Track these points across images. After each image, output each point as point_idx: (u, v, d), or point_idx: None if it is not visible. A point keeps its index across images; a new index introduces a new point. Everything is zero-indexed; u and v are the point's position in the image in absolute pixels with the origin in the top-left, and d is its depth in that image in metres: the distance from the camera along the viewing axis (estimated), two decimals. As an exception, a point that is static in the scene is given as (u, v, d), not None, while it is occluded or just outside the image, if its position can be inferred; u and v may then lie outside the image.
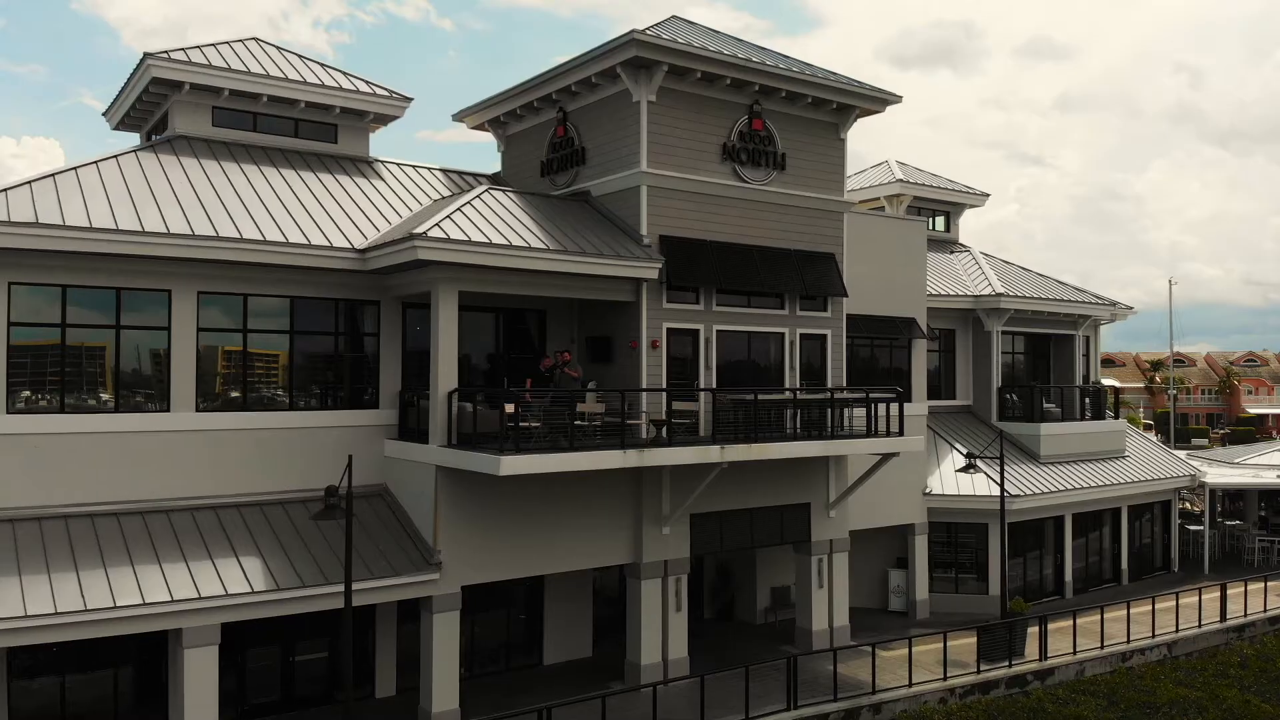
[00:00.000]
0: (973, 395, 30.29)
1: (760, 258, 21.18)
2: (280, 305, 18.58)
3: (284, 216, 18.79)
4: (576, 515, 19.01)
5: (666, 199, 20.04)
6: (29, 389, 16.48)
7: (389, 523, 18.31)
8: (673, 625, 20.09)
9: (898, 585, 26.53)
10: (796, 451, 19.65)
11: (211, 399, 17.90)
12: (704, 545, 20.73)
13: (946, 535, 26.94)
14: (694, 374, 20.54)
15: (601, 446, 17.20)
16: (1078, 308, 31.36)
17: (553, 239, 18.57)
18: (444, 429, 17.38)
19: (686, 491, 19.48)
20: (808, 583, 22.46)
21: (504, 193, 20.22)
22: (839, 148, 22.94)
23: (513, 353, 21.17)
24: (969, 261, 31.95)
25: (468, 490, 17.65)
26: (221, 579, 15.91)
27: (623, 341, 20.11)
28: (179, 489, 17.28)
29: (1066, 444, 29.32)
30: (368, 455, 18.91)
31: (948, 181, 34.35)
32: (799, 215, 22.04)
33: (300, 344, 18.80)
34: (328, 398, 19.08)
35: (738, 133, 21.12)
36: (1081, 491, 28.07)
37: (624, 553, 19.74)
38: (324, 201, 20.13)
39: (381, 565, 17.09)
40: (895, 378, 25.66)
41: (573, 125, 21.71)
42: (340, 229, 19.08)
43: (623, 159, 20.27)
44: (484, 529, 17.94)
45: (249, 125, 21.96)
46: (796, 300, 22.06)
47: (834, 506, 22.58)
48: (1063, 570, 28.82)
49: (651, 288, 19.79)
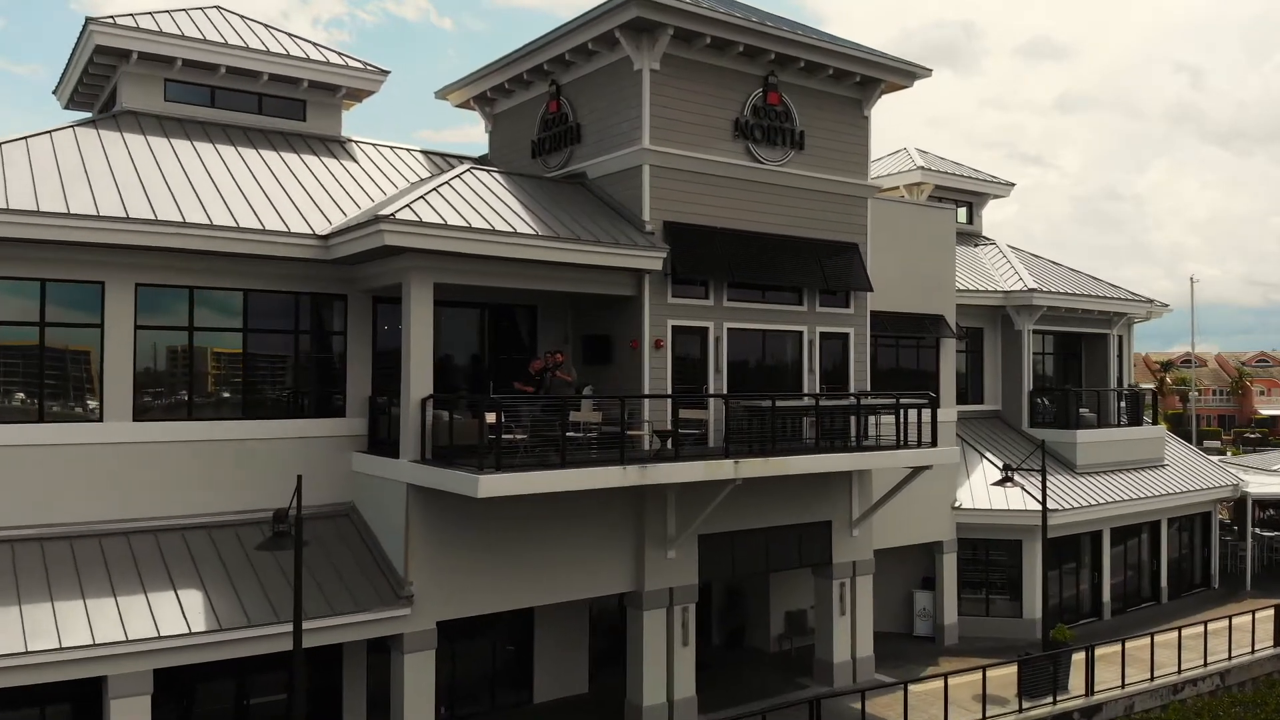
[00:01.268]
0: (1001, 399, 28.02)
1: (776, 247, 18.92)
2: (232, 300, 16.32)
3: (238, 200, 16.53)
4: (570, 538, 16.75)
5: (672, 180, 17.78)
6: (-66, 396, 14.26)
7: (355, 548, 16.05)
8: (679, 661, 17.80)
9: (924, 608, 24.26)
10: (820, 466, 17.40)
11: (151, 407, 15.64)
12: (714, 570, 18.47)
13: (976, 552, 24.67)
14: (702, 377, 18.29)
15: (598, 461, 14.93)
16: (1113, 305, 29.10)
17: (543, 224, 16.33)
18: (416, 441, 15.12)
19: (695, 510, 17.22)
20: (828, 609, 20.18)
21: (488, 173, 17.97)
22: (863, 126, 20.68)
23: (500, 353, 18.92)
24: (995, 255, 29.69)
25: (444, 512, 15.39)
26: (155, 618, 13.66)
27: (623, 341, 17.85)
28: (113, 510, 15.03)
29: (1104, 452, 27.04)
30: (333, 470, 16.71)
31: (971, 170, 32.08)
32: (819, 200, 19.78)
33: (255, 343, 16.55)
34: (287, 405, 16.81)
35: (751, 107, 18.85)
36: (1123, 504, 25.80)
37: (624, 580, 17.46)
38: (286, 184, 17.88)
39: (343, 599, 14.83)
40: (922, 381, 23.39)
41: (566, 100, 19.46)
42: (303, 214, 16.83)
43: (623, 136, 18.01)
44: (463, 556, 15.67)
45: (206, 100, 19.72)
46: (816, 295, 19.80)
47: (858, 524, 20.31)
48: (1100, 589, 26.56)
49: (655, 280, 17.54)
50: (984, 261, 29.25)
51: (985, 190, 32.12)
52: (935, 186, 30.39)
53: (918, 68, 20.70)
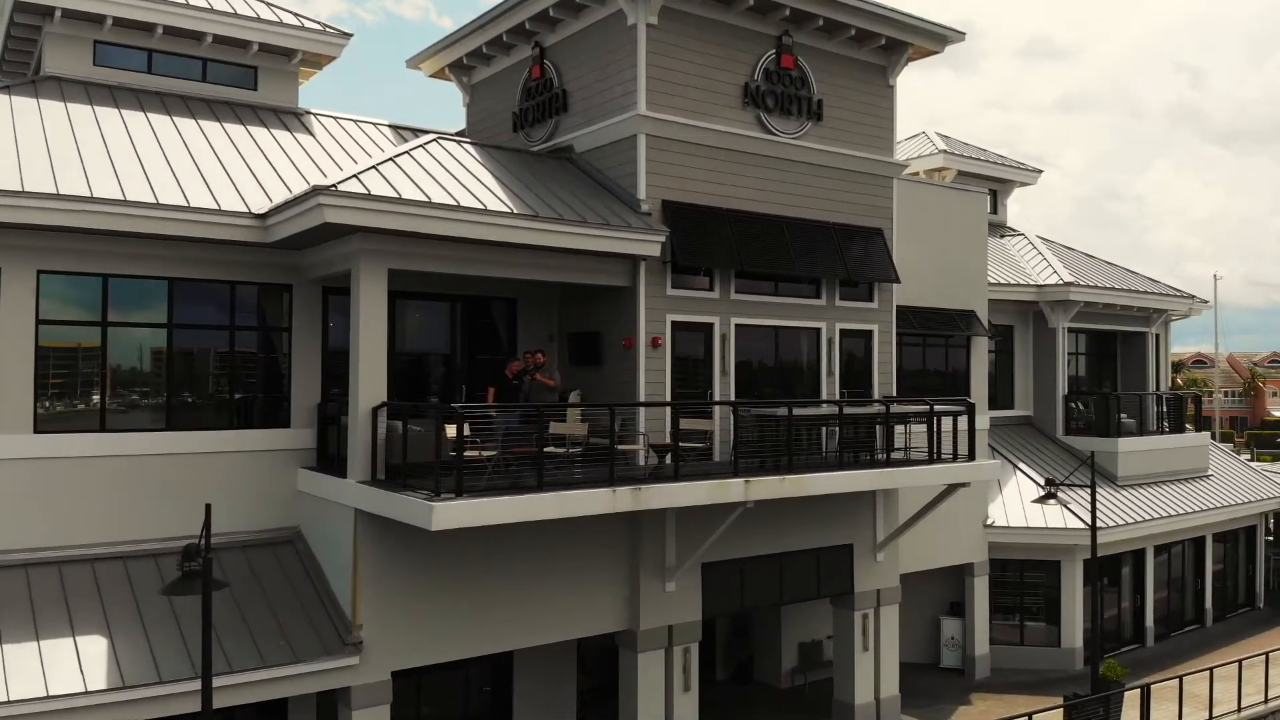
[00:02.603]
0: (1033, 404, 25.57)
1: (791, 232, 16.52)
2: (155, 290, 13.89)
3: (164, 174, 14.11)
4: (552, 570, 14.30)
5: (671, 153, 15.39)
6: None
7: (298, 583, 13.62)
8: (679, 707, 15.36)
9: (952, 636, 21.81)
10: (847, 485, 14.96)
11: (56, 417, 13.22)
12: (719, 604, 16.04)
13: (1009, 573, 22.23)
14: (707, 381, 15.89)
15: (583, 483, 12.50)
16: (1154, 300, 26.66)
17: (520, 202, 13.91)
18: (366, 458, 12.71)
19: (698, 536, 14.81)
20: (849, 644, 17.75)
21: (458, 144, 15.55)
22: (888, 96, 18.27)
23: (476, 353, 16.51)
24: (1024, 247, 27.23)
25: (400, 542, 12.95)
26: (44, 672, 11.25)
27: (615, 339, 15.45)
28: (7, 539, 12.61)
29: (1147, 462, 24.59)
30: (275, 489, 14.32)
31: (997, 156, 29.62)
32: (839, 179, 17.37)
33: (183, 341, 14.13)
34: (222, 413, 14.39)
35: (763, 71, 16.44)
36: (1172, 520, 23.38)
37: (615, 618, 15.01)
38: (227, 158, 15.44)
39: (277, 648, 12.39)
40: (950, 384, 20.99)
41: (551, 63, 17.05)
42: (240, 191, 14.39)
43: (615, 102, 15.61)
44: (423, 594, 13.23)
45: (142, 65, 17.30)
46: (836, 287, 17.40)
47: (883, 548, 17.88)
48: (1143, 613, 24.15)
49: (652, 268, 15.14)
50: (1012, 254, 26.80)
51: (1011, 177, 29.64)
52: (958, 173, 27.92)
53: (950, 30, 18.29)
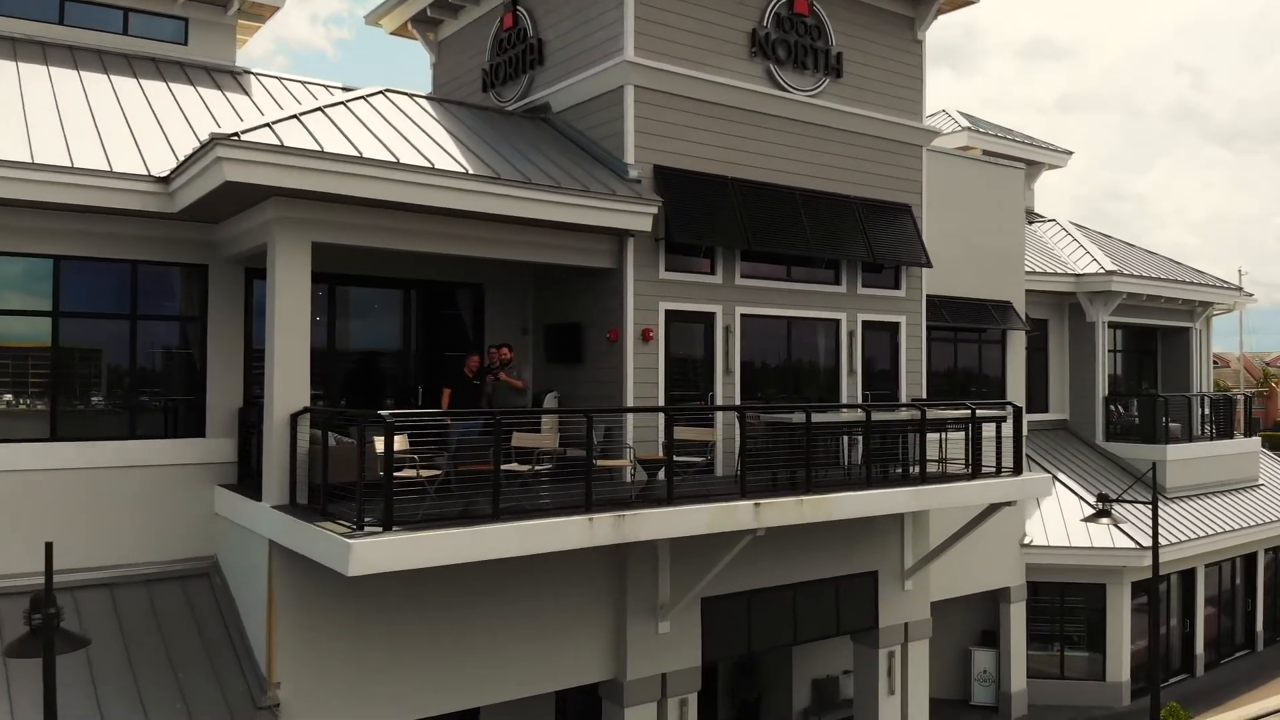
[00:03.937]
0: (1068, 406, 23.12)
1: (806, 206, 14.08)
2: (38, 270, 11.47)
3: (52, 133, 11.67)
4: (519, 612, 11.78)
5: (665, 109, 12.94)
6: None
7: (209, 629, 11.16)
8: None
9: (984, 670, 19.34)
10: (877, 507, 12.48)
11: (-92, 424, 10.80)
12: (721, 645, 13.52)
13: (1046, 597, 19.76)
14: (707, 382, 13.44)
15: (552, 509, 10.03)
16: (1201, 292, 24.24)
17: (481, 163, 11.46)
18: (283, 475, 10.26)
19: (697, 568, 12.34)
20: (873, 686, 15.28)
21: (409, 98, 13.10)
22: (916, 52, 15.83)
23: (435, 349, 14.07)
24: (1058, 234, 24.76)
25: (330, 580, 10.45)
26: None
27: (597, 331, 13.00)
28: None
29: (1196, 471, 22.16)
30: (188, 511, 11.91)
31: (1024, 136, 27.14)
32: (862, 145, 14.94)
33: (73, 332, 11.68)
34: (121, 420, 11.92)
35: (773, 16, 14.00)
36: (1228, 535, 20.95)
37: (597, 666, 12.48)
38: (137, 118, 12.96)
39: (171, 712, 9.93)
40: (984, 384, 18.55)
41: (525, 10, 14.60)
42: (143, 153, 11.93)
43: (598, 49, 13.16)
44: (357, 644, 10.74)
45: (53, 16, 14.90)
46: (859, 271, 14.95)
47: (912, 575, 15.41)
48: (1192, 639, 21.71)
49: (641, 246, 12.69)
50: (1045, 241, 24.34)
51: (1041, 159, 27.11)
52: (984, 151, 25.42)
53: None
